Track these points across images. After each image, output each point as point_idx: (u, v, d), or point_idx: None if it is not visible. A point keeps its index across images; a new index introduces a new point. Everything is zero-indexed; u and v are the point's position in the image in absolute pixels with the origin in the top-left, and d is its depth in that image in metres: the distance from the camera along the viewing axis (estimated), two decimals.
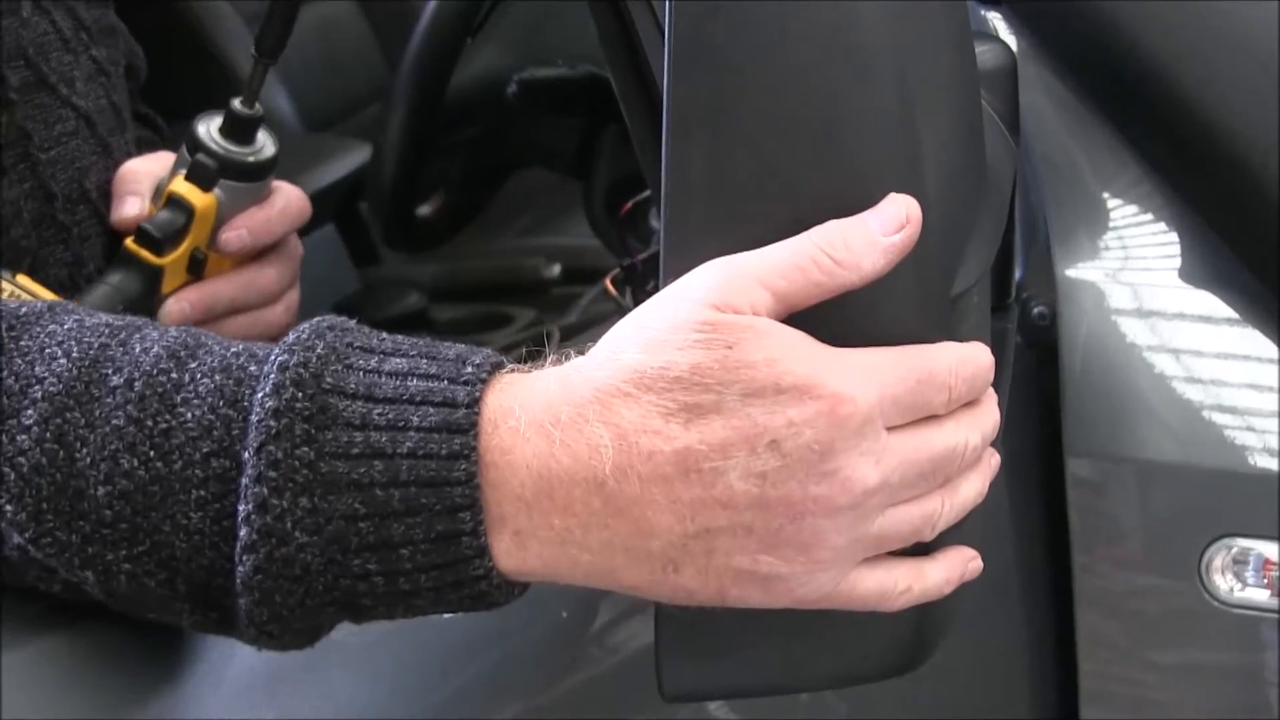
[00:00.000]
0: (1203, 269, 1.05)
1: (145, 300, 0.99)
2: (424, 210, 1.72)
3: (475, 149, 1.70)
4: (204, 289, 1.03)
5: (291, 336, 0.67)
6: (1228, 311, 1.03)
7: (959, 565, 0.71)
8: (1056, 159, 1.09)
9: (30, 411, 0.67)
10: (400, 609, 0.67)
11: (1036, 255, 1.07)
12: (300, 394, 0.65)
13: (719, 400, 0.62)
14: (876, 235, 0.64)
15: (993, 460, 0.71)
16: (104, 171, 1.04)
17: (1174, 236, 1.07)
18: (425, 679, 0.81)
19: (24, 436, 0.67)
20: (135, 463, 0.66)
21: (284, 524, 0.64)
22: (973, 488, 0.69)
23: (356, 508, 0.64)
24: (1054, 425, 1.05)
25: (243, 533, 0.65)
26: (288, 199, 1.07)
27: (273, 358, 0.66)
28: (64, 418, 0.67)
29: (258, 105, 1.03)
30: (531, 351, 0.68)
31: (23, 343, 0.69)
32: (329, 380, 0.65)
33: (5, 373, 0.68)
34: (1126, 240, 1.08)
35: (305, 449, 0.64)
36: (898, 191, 0.65)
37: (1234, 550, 1.01)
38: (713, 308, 0.63)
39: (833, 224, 0.64)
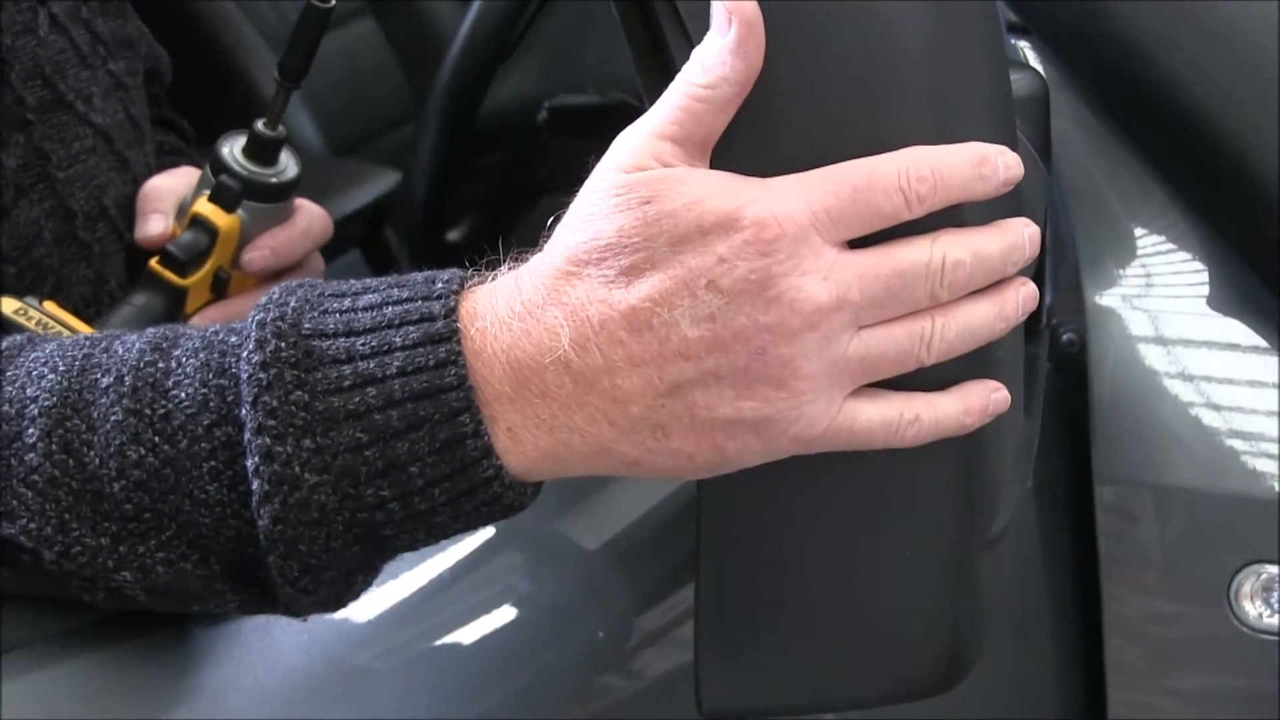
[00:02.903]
0: (1231, 296, 1.05)
1: (169, 320, 1.00)
2: (453, 235, 1.73)
3: (505, 174, 1.70)
4: (227, 308, 1.04)
5: (263, 299, 0.69)
6: (1255, 339, 1.04)
7: (979, 396, 0.68)
8: (1085, 187, 1.09)
9: (31, 430, 0.68)
10: (421, 532, 0.68)
11: (1065, 281, 1.08)
12: (283, 344, 0.66)
13: (651, 255, 0.63)
14: (725, 47, 0.64)
15: (1019, 290, 0.69)
16: (123, 187, 1.05)
17: (1201, 264, 1.07)
18: (462, 697, 0.82)
19: (31, 455, 0.68)
20: (143, 451, 0.67)
21: (292, 468, 0.65)
22: (979, 312, 0.67)
23: (359, 437, 0.65)
24: (1083, 451, 1.05)
25: (255, 487, 0.66)
26: (310, 219, 1.08)
27: (249, 320, 0.68)
28: (65, 427, 0.68)
29: (281, 127, 1.03)
30: (491, 262, 0.69)
31: (9, 372, 0.71)
32: (308, 326, 0.67)
33: None
34: (1154, 267, 1.08)
35: (299, 393, 0.65)
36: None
37: (1263, 577, 1.01)
38: (623, 171, 0.64)
39: (691, 61, 0.66)
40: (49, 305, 0.92)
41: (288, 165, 1.04)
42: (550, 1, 1.65)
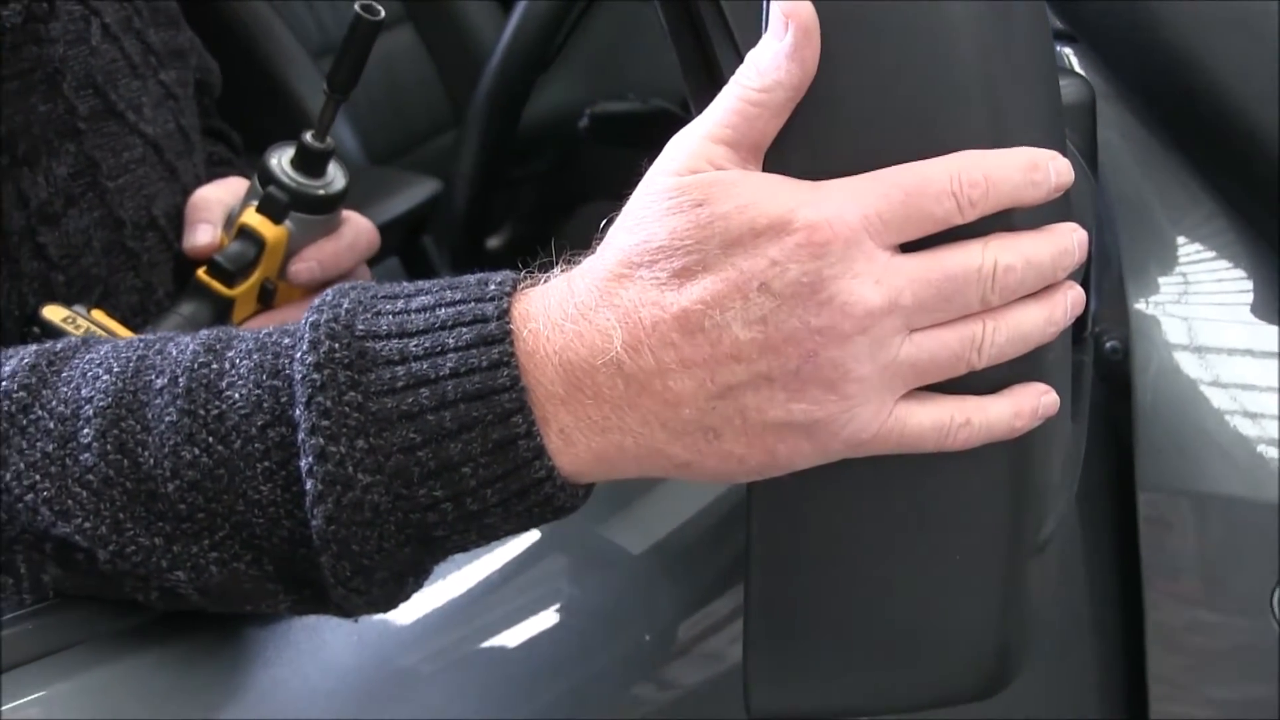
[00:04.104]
0: (1275, 304, 1.05)
1: None
2: (493, 243, 1.73)
3: (545, 182, 1.71)
4: (273, 318, 1.04)
5: (317, 300, 0.69)
6: None
7: (1029, 399, 0.68)
8: (1130, 194, 1.09)
9: (86, 430, 0.69)
10: (473, 533, 0.68)
11: (1109, 289, 1.08)
12: (337, 345, 0.67)
13: (703, 258, 0.63)
14: (781, 51, 0.65)
15: (1068, 295, 0.69)
16: (171, 197, 1.06)
17: (1246, 272, 1.07)
18: (508, 699, 0.82)
19: (86, 455, 0.69)
20: (197, 452, 0.68)
21: (345, 469, 0.65)
22: (1029, 317, 0.67)
23: (412, 437, 0.65)
24: (1125, 459, 1.05)
25: (309, 487, 0.66)
26: (357, 231, 1.09)
27: (303, 321, 0.68)
28: (119, 427, 0.69)
29: (329, 139, 1.04)
30: (543, 265, 0.69)
31: (64, 374, 0.71)
32: (361, 327, 0.67)
33: (54, 402, 0.70)
34: (1198, 275, 1.08)
35: (352, 393, 0.66)
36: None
37: None
38: (675, 174, 0.65)
39: (745, 65, 0.66)
40: (96, 313, 0.92)
41: (335, 177, 1.05)
42: (591, 10, 1.66)
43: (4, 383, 0.71)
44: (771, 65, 0.65)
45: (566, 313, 0.65)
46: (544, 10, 1.56)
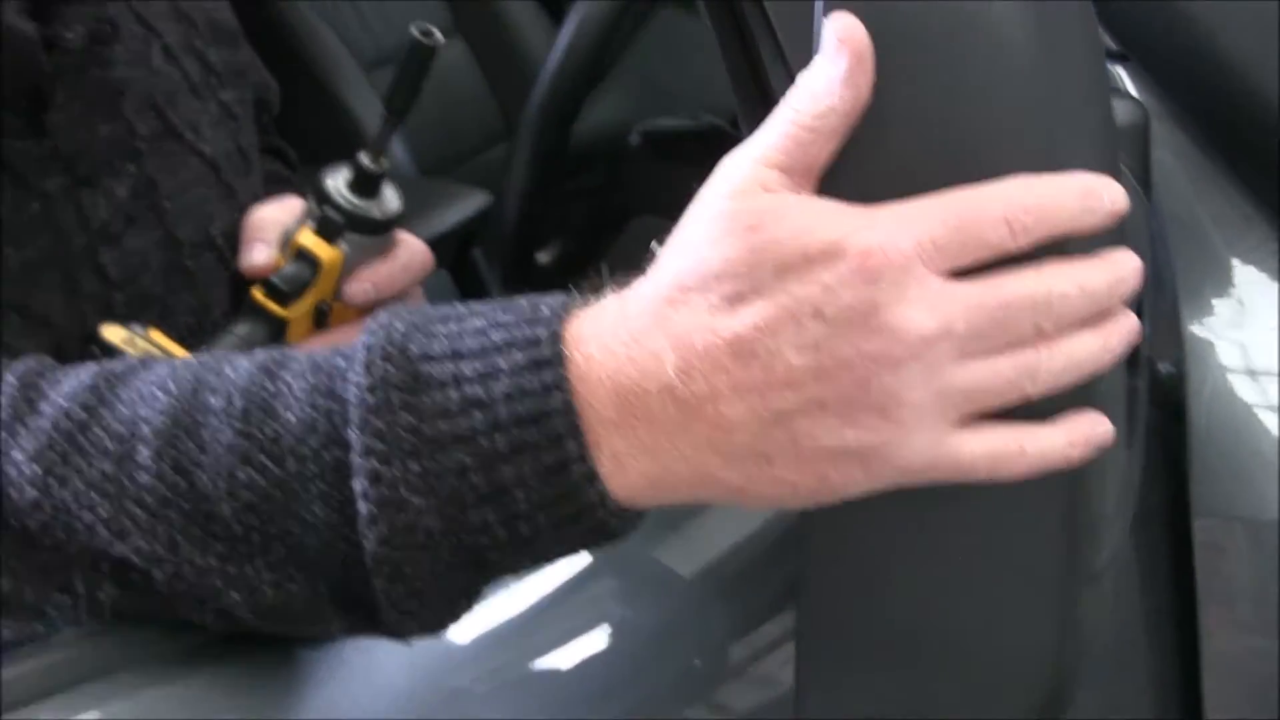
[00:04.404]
0: None
1: None
2: (543, 257, 1.74)
3: (596, 196, 1.71)
4: (328, 339, 1.04)
5: (372, 323, 0.69)
6: None
7: (1084, 429, 0.68)
8: (1184, 216, 1.09)
9: (143, 450, 0.69)
10: (525, 556, 0.68)
11: (1164, 312, 1.07)
12: (391, 367, 0.67)
13: (756, 283, 0.63)
14: (836, 76, 0.65)
15: (1123, 324, 0.68)
16: (229, 216, 1.06)
17: None
18: None
19: (143, 474, 0.69)
20: (253, 473, 0.68)
21: (398, 491, 0.66)
22: (1084, 345, 0.66)
23: (465, 460, 0.65)
24: (1180, 484, 1.04)
25: (362, 509, 0.66)
26: (411, 253, 1.09)
27: (358, 343, 0.69)
28: (176, 448, 0.69)
29: (384, 160, 1.04)
30: (595, 287, 0.69)
31: (122, 393, 0.72)
32: (415, 349, 0.67)
33: (111, 420, 0.70)
34: (1254, 298, 1.07)
35: (406, 415, 0.66)
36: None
37: None
38: (728, 198, 0.65)
39: (798, 89, 0.66)
40: (154, 333, 0.93)
41: (391, 199, 1.05)
42: (643, 24, 1.66)
43: (63, 402, 0.71)
44: (825, 90, 0.65)
45: (619, 336, 0.65)
46: (596, 24, 1.56)
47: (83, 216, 0.95)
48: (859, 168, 0.66)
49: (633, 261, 0.69)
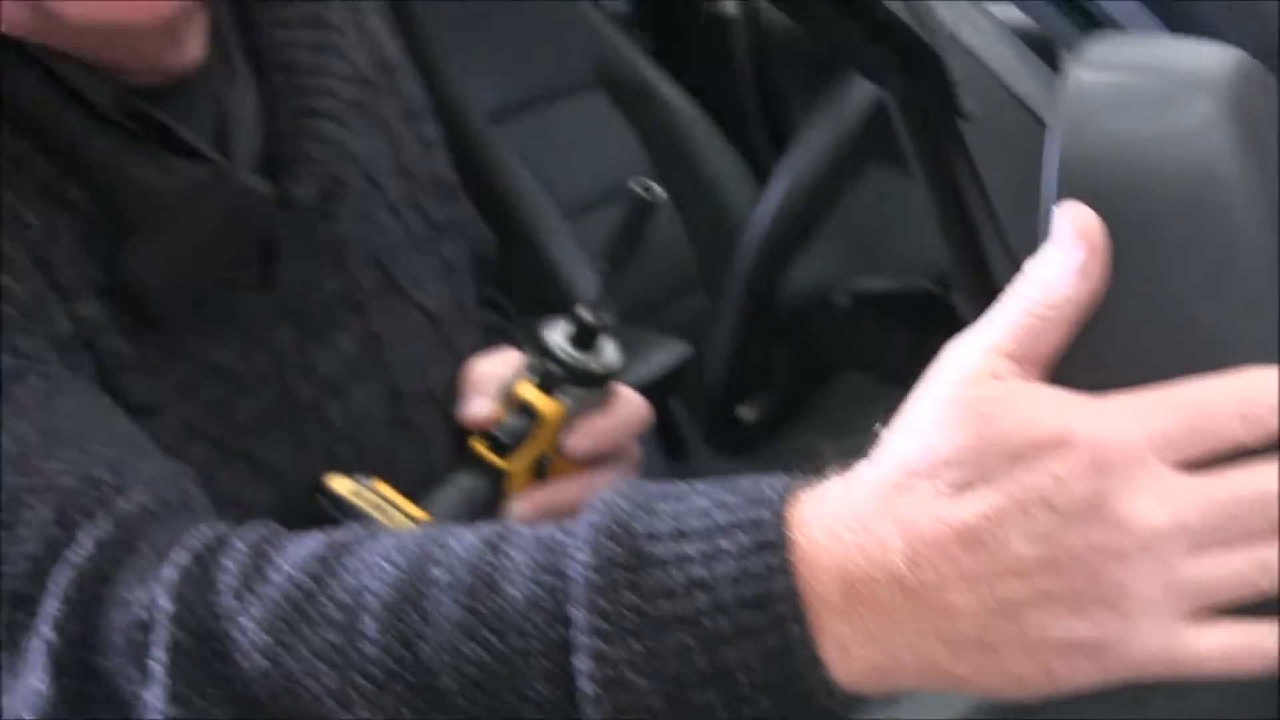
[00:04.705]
0: None
1: (491, 502, 1.01)
2: (745, 412, 1.73)
3: (800, 353, 1.71)
4: (548, 492, 1.04)
5: (596, 500, 0.69)
6: None
7: None
8: None
9: (369, 621, 0.69)
10: None
11: None
12: (615, 545, 0.66)
13: (984, 471, 0.62)
14: (1070, 267, 0.64)
15: None
16: (449, 369, 1.07)
17: None
18: None
19: (369, 646, 0.69)
20: (477, 648, 0.68)
21: (622, 672, 0.65)
22: None
23: (688, 641, 0.65)
24: None
25: (585, 688, 0.65)
26: (630, 407, 1.09)
27: (582, 520, 0.68)
28: (402, 620, 0.69)
29: (604, 314, 1.05)
30: (816, 469, 0.68)
31: (348, 563, 0.72)
32: (638, 527, 0.67)
33: (338, 591, 0.71)
34: None
35: (630, 594, 0.65)
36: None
37: None
38: (957, 385, 0.64)
39: (1030, 277, 0.65)
40: (380, 485, 0.94)
41: (610, 352, 1.06)
42: (852, 183, 1.66)
43: (292, 571, 0.72)
44: (1059, 281, 0.64)
45: (844, 521, 0.64)
46: (806, 184, 1.57)
47: (310, 369, 0.97)
48: (1088, 358, 0.65)
49: (838, 418, 0.68)
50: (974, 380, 0.64)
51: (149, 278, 0.89)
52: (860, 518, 0.64)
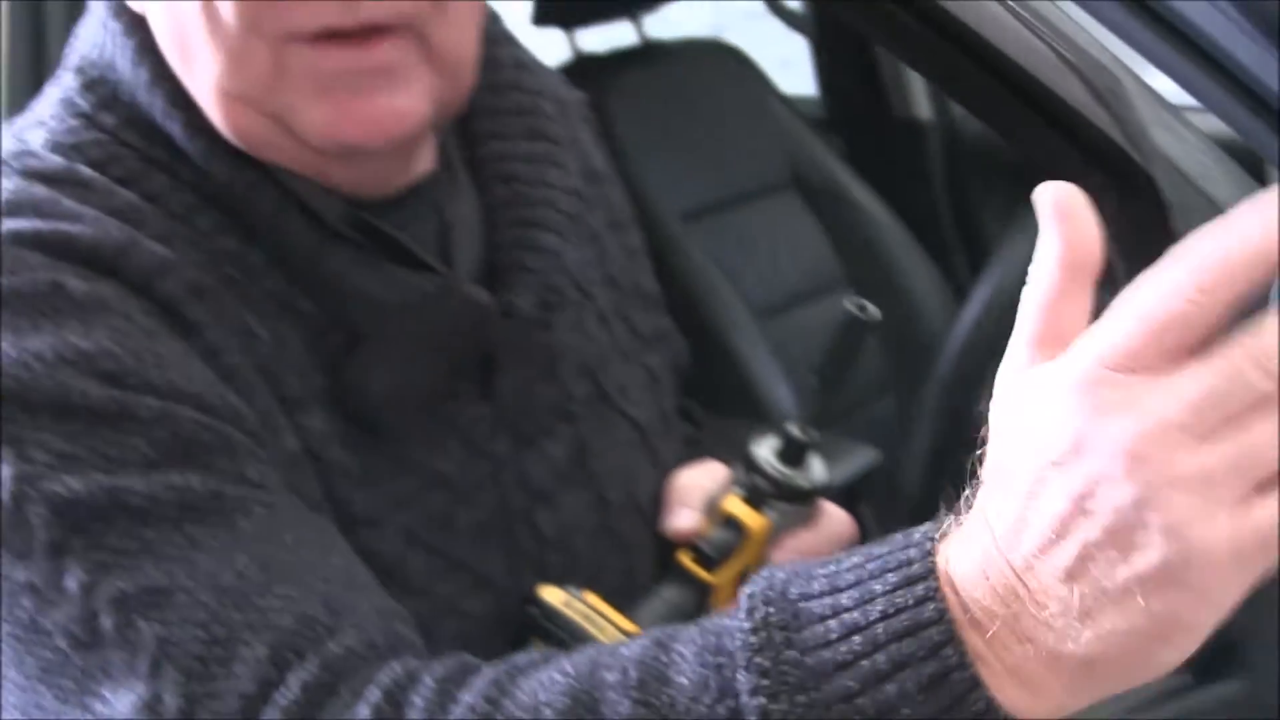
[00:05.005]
0: None
1: (695, 615, 1.01)
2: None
3: None
4: None
5: (754, 575, 0.71)
6: None
7: None
8: None
9: None
10: None
11: None
12: (772, 609, 0.68)
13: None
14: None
15: None
16: (654, 479, 1.09)
17: None
18: None
19: None
20: None
21: None
22: None
23: (849, 685, 0.66)
24: None
25: None
26: (834, 523, 1.09)
27: (741, 596, 0.70)
28: None
29: (812, 431, 1.05)
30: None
31: (522, 683, 0.74)
32: (795, 592, 0.68)
33: (513, 709, 0.73)
34: None
35: (789, 651, 0.67)
36: None
37: None
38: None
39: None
40: (590, 596, 0.95)
41: (816, 468, 1.06)
42: None
43: (470, 698, 0.74)
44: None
45: (988, 552, 0.65)
46: (1007, 296, 1.56)
47: (523, 477, 0.98)
48: None
49: None
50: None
51: (375, 388, 0.91)
52: (1001, 544, 0.65)
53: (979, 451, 0.70)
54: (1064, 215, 0.66)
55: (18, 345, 0.81)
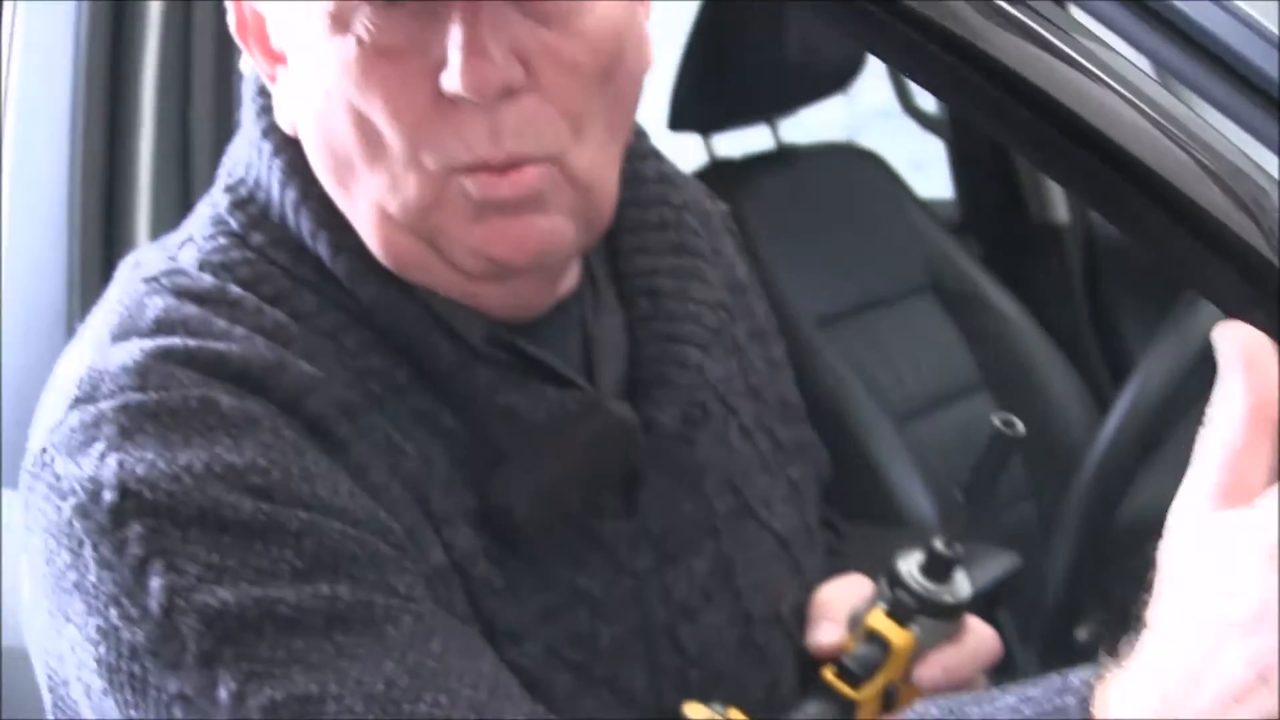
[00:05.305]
0: None
1: None
2: (1081, 634, 1.69)
3: (1141, 575, 1.66)
4: None
5: (908, 711, 0.73)
6: None
7: None
8: None
9: None
10: None
11: None
12: None
13: None
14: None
15: None
16: (797, 593, 1.08)
17: None
18: None
19: None
20: None
21: None
22: None
23: None
24: None
25: None
26: (979, 639, 1.08)
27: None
28: None
29: (958, 547, 1.05)
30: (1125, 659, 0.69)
31: None
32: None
33: None
34: None
35: None
36: None
37: None
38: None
39: None
40: (733, 713, 0.95)
41: (961, 584, 1.05)
42: (1205, 392, 1.62)
43: None
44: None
45: (1150, 706, 0.65)
46: (1151, 406, 1.54)
47: (666, 593, 0.98)
48: None
49: None
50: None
51: (520, 504, 0.92)
52: (1164, 698, 0.65)
53: (1145, 596, 0.69)
54: (1250, 364, 0.65)
55: (169, 459, 0.84)
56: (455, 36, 0.85)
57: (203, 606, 0.81)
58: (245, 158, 0.98)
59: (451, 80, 0.85)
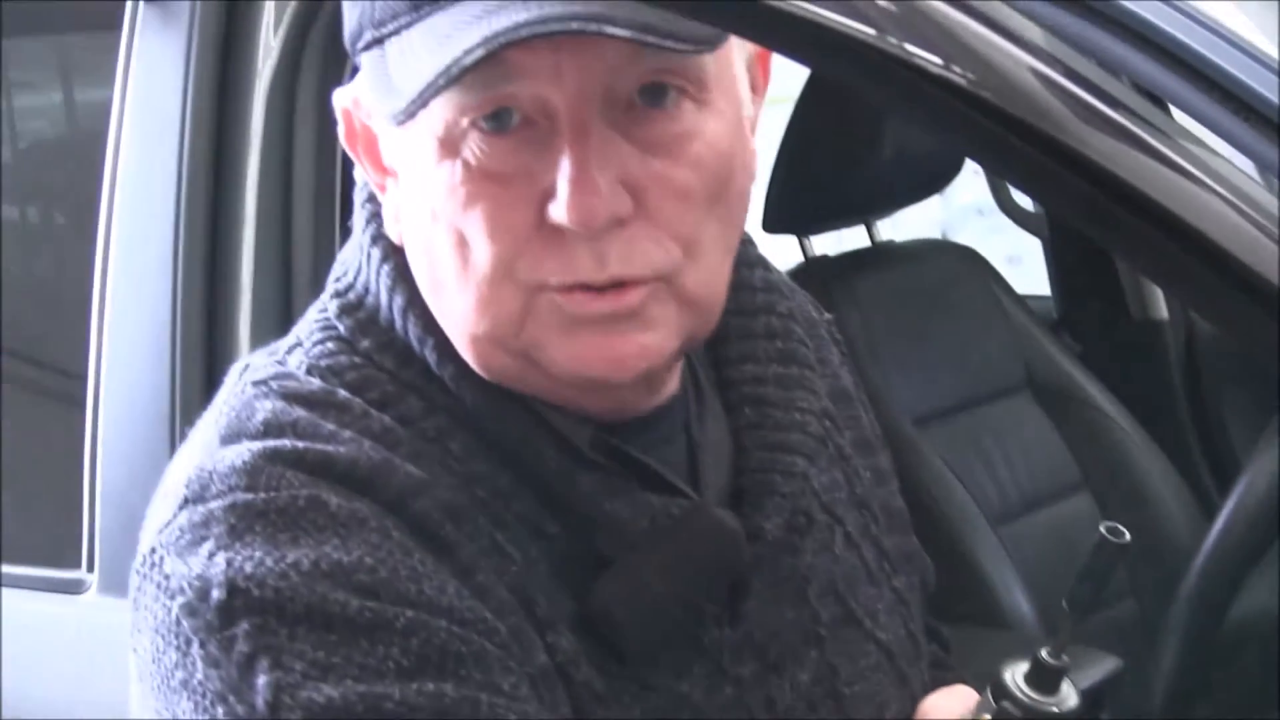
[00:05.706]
0: None
1: None
2: None
3: (1249, 680, 1.64)
4: None
5: None
6: None
7: None
8: None
9: None
10: None
11: None
12: None
13: None
14: None
15: None
16: (901, 704, 1.07)
17: None
18: None
19: None
20: None
21: None
22: None
23: None
24: None
25: None
26: None
27: None
28: None
29: (1064, 657, 1.03)
30: None
31: None
32: None
33: None
34: None
35: None
36: None
37: None
38: None
39: None
40: None
41: (1068, 695, 1.04)
42: None
43: None
44: None
45: None
46: (1260, 509, 1.52)
47: (770, 702, 0.97)
48: None
49: None
50: None
51: (622, 611, 0.92)
52: None
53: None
54: None
55: (277, 558, 0.84)
56: (565, 169, 0.86)
57: (308, 703, 0.82)
58: (355, 263, 0.99)
59: (559, 212, 0.86)
